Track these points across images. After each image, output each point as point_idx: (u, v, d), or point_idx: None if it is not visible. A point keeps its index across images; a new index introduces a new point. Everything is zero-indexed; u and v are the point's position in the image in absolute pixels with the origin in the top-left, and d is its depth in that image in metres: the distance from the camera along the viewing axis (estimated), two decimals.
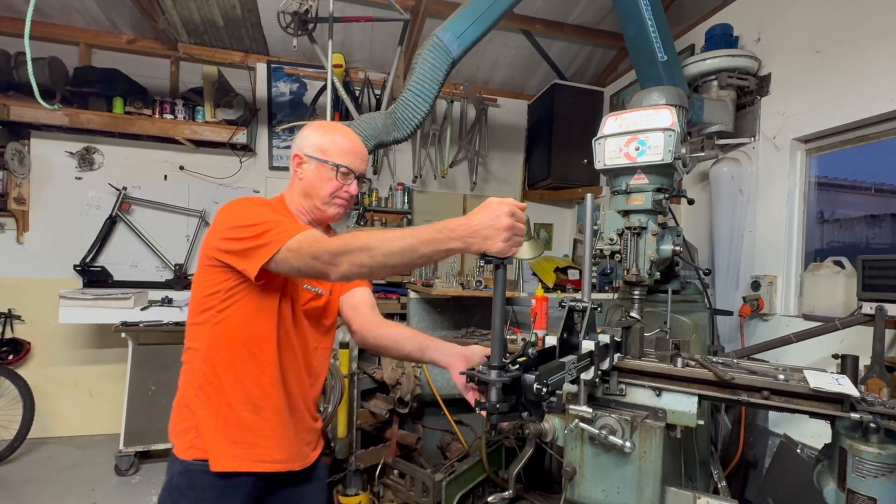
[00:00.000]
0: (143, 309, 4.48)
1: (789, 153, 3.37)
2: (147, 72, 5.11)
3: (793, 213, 3.39)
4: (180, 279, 5.10)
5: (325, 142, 1.65)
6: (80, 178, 4.97)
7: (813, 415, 1.46)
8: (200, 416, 1.47)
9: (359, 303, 1.79)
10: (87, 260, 4.87)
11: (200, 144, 5.15)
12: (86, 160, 4.96)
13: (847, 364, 1.60)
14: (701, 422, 1.60)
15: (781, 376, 1.53)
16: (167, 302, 4.69)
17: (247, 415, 1.48)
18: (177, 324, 4.38)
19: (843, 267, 3.09)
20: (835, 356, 1.71)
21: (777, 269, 3.43)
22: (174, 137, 4.90)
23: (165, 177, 5.21)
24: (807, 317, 3.22)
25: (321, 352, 1.71)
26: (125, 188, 5.00)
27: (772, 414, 3.19)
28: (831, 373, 1.57)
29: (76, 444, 4.79)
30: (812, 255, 3.39)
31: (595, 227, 2.20)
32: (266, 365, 1.51)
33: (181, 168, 5.23)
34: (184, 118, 4.90)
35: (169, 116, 4.87)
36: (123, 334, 4.23)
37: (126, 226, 5.03)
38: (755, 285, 3.45)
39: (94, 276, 4.90)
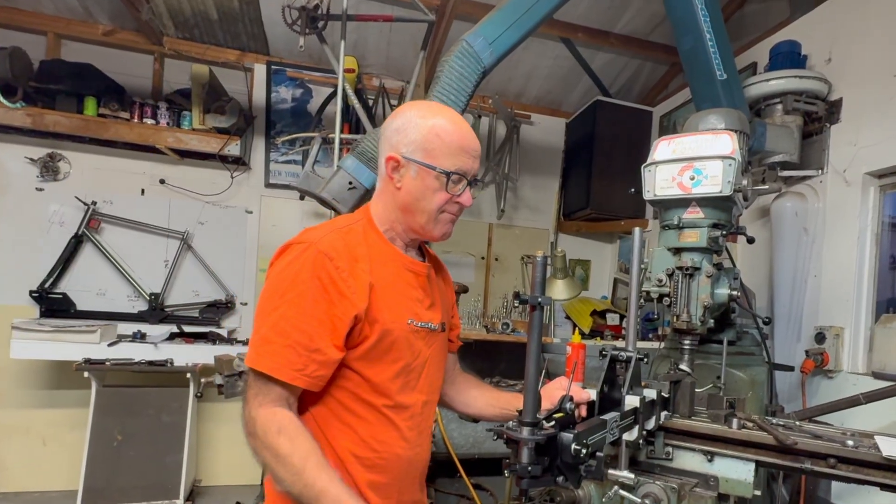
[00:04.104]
0: (110, 344, 4.47)
1: (861, 189, 3.45)
2: (126, 69, 5.16)
3: (863, 256, 3.46)
4: (156, 311, 5.11)
5: (428, 137, 1.47)
6: (41, 189, 5.01)
7: (885, 487, 1.50)
8: None
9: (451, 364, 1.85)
10: (46, 285, 4.90)
11: (185, 155, 5.21)
12: (49, 168, 4.98)
13: None
14: (758, 492, 1.64)
15: (850, 442, 1.54)
16: (139, 337, 4.67)
17: None
18: (150, 363, 4.38)
19: None
20: None
21: (844, 319, 3.48)
22: (155, 146, 4.94)
23: (143, 191, 5.27)
24: (877, 375, 3.26)
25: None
26: (94, 203, 5.05)
27: (835, 484, 3.21)
28: None
29: (24, 501, 4.79)
30: (883, 305, 3.45)
31: (642, 266, 2.24)
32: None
33: (162, 182, 5.28)
34: (167, 124, 4.95)
35: (150, 121, 4.91)
36: (86, 373, 4.22)
37: (94, 247, 5.06)
38: (819, 337, 3.50)
39: (53, 305, 4.92)
